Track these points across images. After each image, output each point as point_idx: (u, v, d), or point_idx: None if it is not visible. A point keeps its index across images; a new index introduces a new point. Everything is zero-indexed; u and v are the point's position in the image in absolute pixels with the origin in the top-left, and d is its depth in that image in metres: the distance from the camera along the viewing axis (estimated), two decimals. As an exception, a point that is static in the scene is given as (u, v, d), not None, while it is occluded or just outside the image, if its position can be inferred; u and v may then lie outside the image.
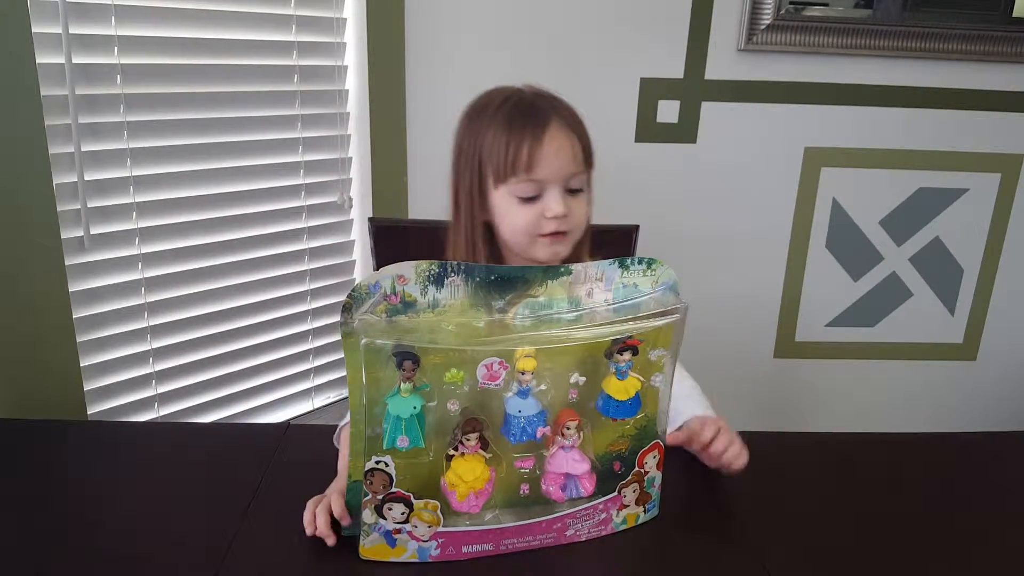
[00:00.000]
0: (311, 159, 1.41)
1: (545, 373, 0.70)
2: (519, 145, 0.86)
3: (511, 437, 0.70)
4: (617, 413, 0.74)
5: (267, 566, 0.71)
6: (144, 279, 1.24)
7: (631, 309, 0.74)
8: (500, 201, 0.89)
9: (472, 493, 0.71)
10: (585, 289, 0.74)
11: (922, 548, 0.77)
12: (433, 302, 0.69)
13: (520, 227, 0.89)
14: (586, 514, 0.76)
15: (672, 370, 0.76)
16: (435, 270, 0.68)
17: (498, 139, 0.87)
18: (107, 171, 1.17)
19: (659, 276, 0.76)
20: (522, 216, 0.88)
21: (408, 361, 0.65)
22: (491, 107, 0.89)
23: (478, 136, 0.89)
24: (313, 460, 0.88)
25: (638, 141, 1.66)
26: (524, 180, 0.87)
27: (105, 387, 1.23)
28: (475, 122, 0.90)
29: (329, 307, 1.50)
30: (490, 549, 0.73)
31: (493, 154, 0.87)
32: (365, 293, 0.66)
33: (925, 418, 1.92)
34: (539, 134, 0.86)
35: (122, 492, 0.82)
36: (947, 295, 1.85)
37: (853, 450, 0.96)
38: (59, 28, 1.07)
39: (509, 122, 0.87)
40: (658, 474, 0.79)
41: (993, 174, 1.76)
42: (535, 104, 0.88)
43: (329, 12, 1.38)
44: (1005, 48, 1.63)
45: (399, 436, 0.67)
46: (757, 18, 1.57)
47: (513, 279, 0.71)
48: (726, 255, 1.75)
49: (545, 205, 0.87)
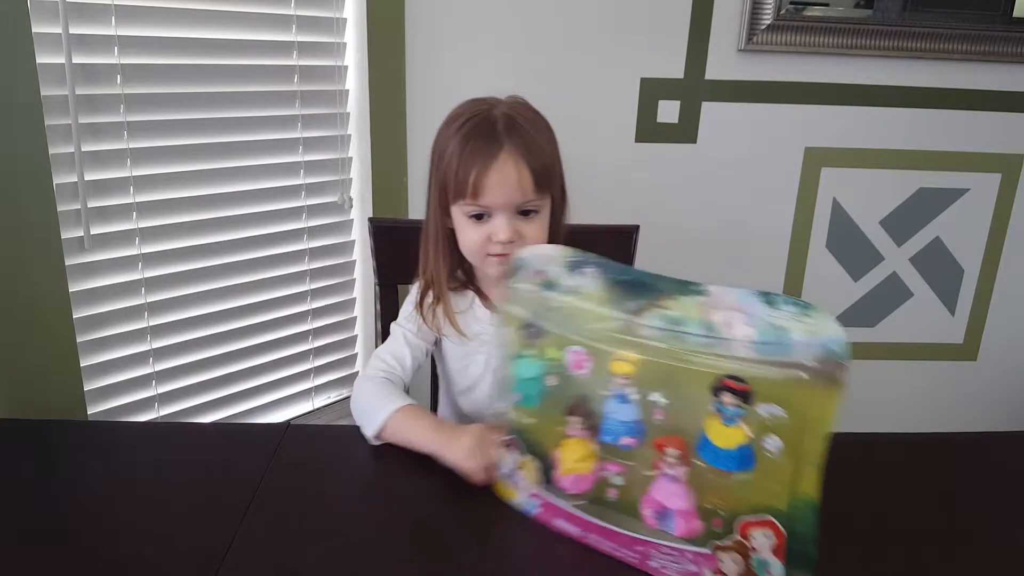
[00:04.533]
0: (311, 159, 1.41)
1: (648, 385, 0.68)
2: (467, 170, 0.87)
3: (603, 435, 0.72)
4: (716, 461, 0.65)
5: (267, 566, 0.71)
6: (144, 279, 1.24)
7: (777, 351, 0.63)
8: (457, 217, 0.92)
9: (574, 475, 0.73)
10: (722, 316, 0.66)
11: (922, 548, 0.77)
12: (574, 288, 0.73)
13: (469, 245, 0.92)
14: (670, 554, 0.69)
15: (816, 454, 0.62)
16: (577, 258, 0.74)
17: (451, 160, 0.89)
18: (107, 171, 1.17)
19: (817, 327, 0.62)
20: (472, 235, 0.91)
21: (534, 330, 0.75)
22: (458, 121, 0.90)
23: (443, 148, 0.91)
24: (313, 460, 0.88)
25: (638, 141, 1.66)
26: (471, 204, 0.89)
27: (105, 387, 1.23)
28: (444, 132, 0.92)
29: (329, 307, 1.50)
30: (577, 533, 0.74)
31: (450, 173, 0.89)
32: (520, 266, 0.77)
33: (925, 418, 1.92)
34: (487, 162, 0.87)
35: (122, 492, 0.82)
36: (947, 295, 1.85)
37: (853, 450, 0.96)
38: (59, 28, 1.07)
39: (463, 144, 0.88)
40: (775, 561, 0.64)
41: (993, 174, 1.76)
42: (493, 128, 0.88)
43: (329, 12, 1.38)
44: (1005, 48, 1.63)
45: (517, 391, 0.77)
46: (757, 18, 1.57)
47: (645, 285, 0.70)
48: (726, 255, 1.75)
49: (492, 229, 0.90)
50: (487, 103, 0.92)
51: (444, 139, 0.91)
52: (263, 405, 1.45)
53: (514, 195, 0.88)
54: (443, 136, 0.92)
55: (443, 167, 0.90)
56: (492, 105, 0.92)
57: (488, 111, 0.91)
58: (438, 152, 0.92)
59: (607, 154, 1.66)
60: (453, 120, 0.92)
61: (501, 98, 0.94)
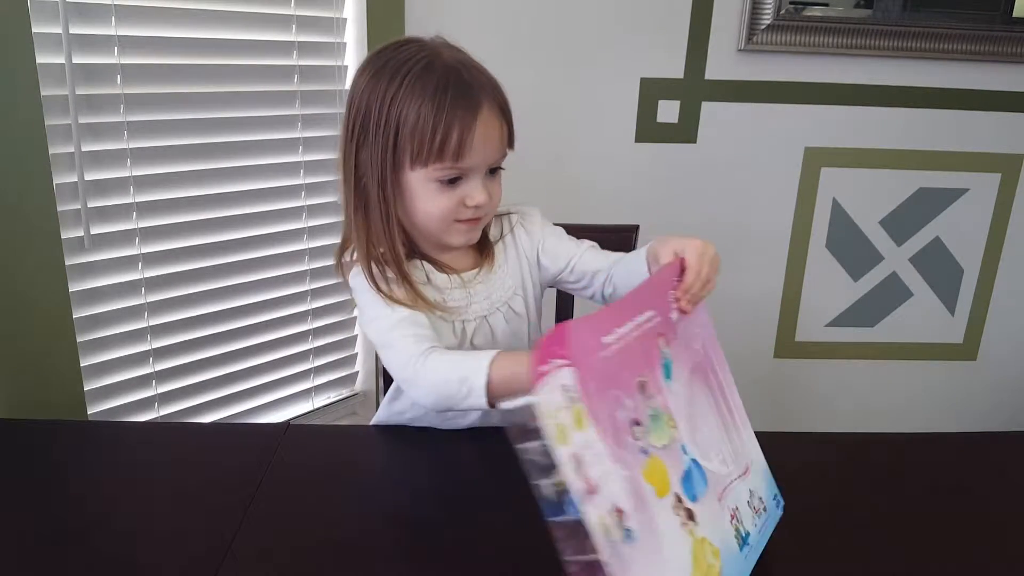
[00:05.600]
0: (311, 159, 1.41)
1: None
2: (448, 130, 0.78)
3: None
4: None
5: (267, 566, 0.71)
6: (144, 279, 1.24)
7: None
8: (415, 183, 0.82)
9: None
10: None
11: (922, 548, 0.77)
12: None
13: (435, 213, 0.83)
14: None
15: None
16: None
17: (424, 119, 0.78)
18: (107, 171, 1.17)
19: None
20: (440, 201, 0.82)
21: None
22: (407, 71, 0.79)
23: (393, 106, 0.79)
24: (313, 460, 0.88)
25: (638, 141, 1.66)
26: (449, 167, 0.80)
27: (105, 387, 1.23)
28: (387, 85, 0.79)
29: (329, 307, 1.50)
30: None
31: (416, 134, 0.78)
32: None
33: (925, 418, 1.92)
34: (471, 119, 0.79)
35: (122, 492, 0.82)
36: (947, 295, 1.85)
37: (853, 450, 0.96)
38: (59, 28, 1.07)
39: (437, 100, 0.78)
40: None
41: (993, 174, 1.76)
42: (467, 81, 0.80)
43: (329, 12, 1.38)
44: (1005, 48, 1.63)
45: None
46: (757, 18, 1.57)
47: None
48: (726, 255, 1.73)
49: (466, 192, 0.82)
50: (425, 48, 0.82)
51: (391, 93, 0.79)
52: (263, 405, 1.45)
53: (495, 154, 0.82)
54: (387, 89, 0.79)
55: (400, 127, 0.79)
56: (433, 51, 0.81)
57: (437, 58, 0.80)
58: (384, 109, 0.79)
59: (607, 154, 1.67)
60: (395, 70, 0.80)
61: (425, 39, 0.84)
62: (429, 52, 0.81)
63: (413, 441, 0.94)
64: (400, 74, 0.79)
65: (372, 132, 0.81)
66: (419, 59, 0.80)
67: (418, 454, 0.89)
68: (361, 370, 1.60)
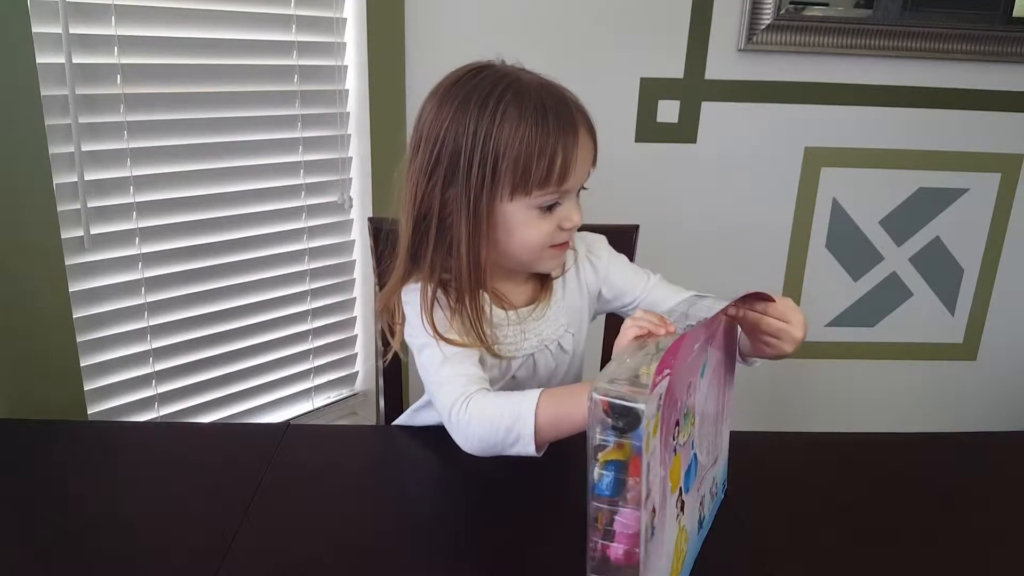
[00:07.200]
0: (311, 159, 1.41)
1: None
2: (554, 154, 0.75)
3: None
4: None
5: (267, 566, 0.71)
6: (144, 279, 1.24)
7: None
8: (513, 214, 0.78)
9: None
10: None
11: (922, 548, 0.77)
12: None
13: (536, 241, 0.79)
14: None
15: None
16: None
17: (528, 146, 0.74)
18: (107, 171, 1.17)
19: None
20: (541, 228, 0.79)
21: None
22: (498, 99, 0.76)
23: (489, 137, 0.75)
24: (313, 460, 0.88)
25: (638, 141, 1.66)
26: (553, 191, 0.77)
27: (105, 387, 1.23)
28: (478, 116, 0.76)
29: (329, 307, 1.50)
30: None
31: (520, 163, 0.75)
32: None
33: (925, 418, 1.92)
34: (573, 141, 0.77)
35: (122, 492, 0.82)
36: (947, 295, 1.85)
37: (853, 450, 0.96)
38: (59, 28, 1.07)
39: (539, 126, 0.75)
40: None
41: (993, 174, 1.76)
42: (561, 102, 0.78)
43: (329, 12, 1.38)
44: (1005, 48, 1.63)
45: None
46: (757, 18, 1.57)
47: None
48: (726, 255, 1.75)
49: (563, 215, 0.79)
50: (502, 72, 0.79)
51: (483, 121, 0.75)
52: (263, 405, 1.45)
53: (587, 173, 0.80)
54: (476, 117, 0.75)
55: (508, 159, 0.75)
56: (512, 74, 0.79)
57: (519, 82, 0.77)
58: (475, 139, 0.75)
59: (607, 154, 1.64)
60: (482, 102, 0.76)
61: (495, 62, 0.81)
62: (510, 76, 0.78)
63: (413, 441, 0.94)
64: (491, 103, 0.75)
65: (464, 168, 0.76)
66: (505, 85, 0.77)
67: (418, 454, 0.89)
68: (361, 370, 1.60)
